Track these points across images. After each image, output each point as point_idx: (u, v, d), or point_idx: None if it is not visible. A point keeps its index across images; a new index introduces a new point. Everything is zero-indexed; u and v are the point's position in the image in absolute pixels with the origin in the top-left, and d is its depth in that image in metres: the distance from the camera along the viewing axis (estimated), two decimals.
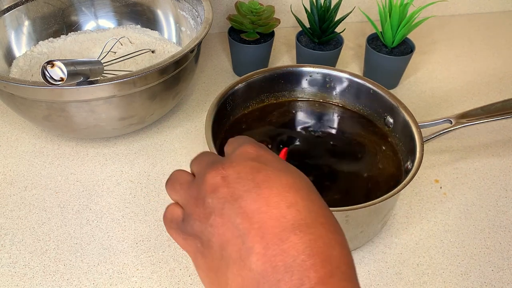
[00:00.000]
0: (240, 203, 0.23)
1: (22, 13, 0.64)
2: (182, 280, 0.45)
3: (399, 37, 0.65)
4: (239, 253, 0.22)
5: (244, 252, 0.22)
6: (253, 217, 0.22)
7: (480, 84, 0.72)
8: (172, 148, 0.59)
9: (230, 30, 0.68)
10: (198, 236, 0.24)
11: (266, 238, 0.21)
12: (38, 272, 0.45)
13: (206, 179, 0.25)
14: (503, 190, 0.55)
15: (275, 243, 0.21)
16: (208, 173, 0.25)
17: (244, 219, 0.22)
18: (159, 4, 0.69)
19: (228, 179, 0.24)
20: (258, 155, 0.25)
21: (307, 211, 0.22)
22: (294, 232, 0.21)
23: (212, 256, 0.24)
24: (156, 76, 0.51)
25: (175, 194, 0.28)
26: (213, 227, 0.23)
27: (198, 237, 0.24)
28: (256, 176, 0.23)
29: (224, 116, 0.53)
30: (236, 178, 0.24)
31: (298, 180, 0.24)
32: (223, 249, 0.23)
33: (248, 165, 0.24)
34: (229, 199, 0.23)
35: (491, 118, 0.52)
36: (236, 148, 0.26)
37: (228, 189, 0.23)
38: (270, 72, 0.56)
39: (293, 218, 0.22)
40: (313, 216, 0.22)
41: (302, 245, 0.21)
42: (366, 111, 0.56)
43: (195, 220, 0.25)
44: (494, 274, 0.47)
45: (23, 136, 0.60)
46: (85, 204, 0.52)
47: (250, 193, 0.23)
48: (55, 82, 0.42)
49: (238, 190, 0.23)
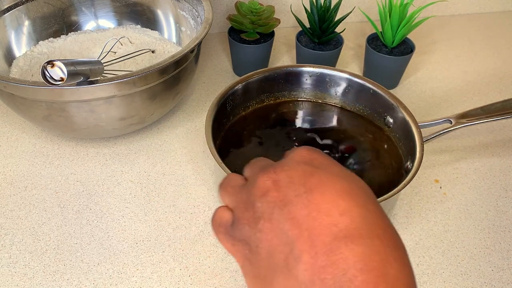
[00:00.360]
0: (290, 208, 0.22)
1: (22, 13, 0.64)
2: (182, 280, 0.45)
3: (399, 37, 0.65)
4: (286, 261, 0.21)
5: (292, 260, 0.21)
6: (302, 224, 0.21)
7: (480, 84, 0.72)
8: (172, 148, 0.59)
9: (230, 30, 0.68)
10: (247, 242, 0.24)
11: (315, 247, 0.20)
12: (38, 272, 0.45)
13: (257, 182, 0.24)
14: (503, 190, 0.55)
15: (325, 253, 0.20)
16: (259, 177, 0.24)
17: (293, 225, 0.21)
18: (159, 4, 0.69)
19: (279, 183, 0.23)
20: (312, 158, 0.24)
21: (362, 221, 0.21)
22: (346, 243, 0.20)
23: (259, 264, 0.23)
24: (156, 76, 0.51)
25: (227, 197, 0.27)
26: (262, 233, 0.22)
27: (246, 243, 0.24)
28: (308, 181, 0.22)
29: (224, 116, 0.53)
30: (288, 182, 0.23)
31: (354, 186, 0.22)
32: (271, 256, 0.22)
33: (301, 169, 0.23)
34: (279, 203, 0.22)
35: (491, 118, 0.52)
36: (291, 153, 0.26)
37: (278, 194, 0.23)
38: (270, 72, 0.56)
39: (345, 227, 0.20)
40: (368, 227, 0.21)
41: (353, 258, 0.19)
42: (366, 111, 0.56)
43: (244, 224, 0.24)
44: (494, 274, 0.47)
45: (23, 136, 0.60)
46: (85, 204, 0.52)
47: (300, 198, 0.22)
48: (55, 82, 0.42)
49: (289, 194, 0.22)
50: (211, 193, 0.53)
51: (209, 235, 0.49)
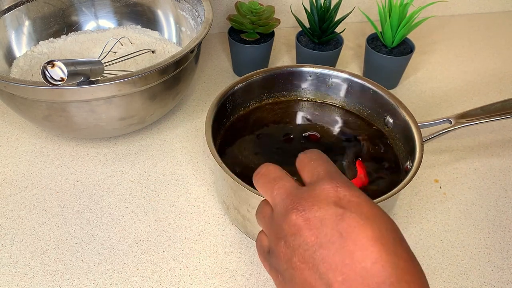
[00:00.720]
0: (323, 252, 0.23)
1: (23, 13, 0.64)
2: (182, 280, 0.45)
3: (399, 37, 0.65)
4: None
5: None
6: (336, 269, 0.22)
7: (480, 84, 0.72)
8: (172, 148, 0.59)
9: (230, 30, 0.68)
10: (281, 273, 0.25)
11: None
12: (38, 272, 0.45)
13: (288, 219, 0.25)
14: (503, 190, 0.55)
15: None
16: (289, 213, 0.25)
17: (328, 270, 0.22)
18: (159, 4, 0.69)
19: (310, 224, 0.24)
20: (340, 197, 0.24)
21: (393, 268, 0.22)
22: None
23: None
24: (156, 76, 0.51)
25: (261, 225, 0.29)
26: (295, 270, 0.24)
27: (281, 273, 0.25)
28: (339, 225, 0.23)
29: (224, 116, 0.53)
30: (319, 224, 0.23)
31: (384, 231, 0.23)
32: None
33: (331, 211, 0.23)
34: (311, 245, 0.23)
35: (491, 118, 0.52)
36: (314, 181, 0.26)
37: (311, 234, 0.23)
38: (270, 72, 0.56)
39: (377, 275, 0.21)
40: (398, 274, 0.22)
41: None
42: (366, 111, 0.56)
43: (277, 257, 0.25)
44: (494, 274, 0.47)
45: (23, 136, 0.60)
46: (85, 204, 0.52)
47: (333, 244, 0.23)
48: (56, 82, 0.42)
49: (321, 238, 0.23)
50: (211, 193, 0.53)
51: (209, 234, 0.49)
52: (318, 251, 0.23)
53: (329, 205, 0.24)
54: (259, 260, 0.47)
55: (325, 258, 0.23)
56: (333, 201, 0.24)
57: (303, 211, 0.24)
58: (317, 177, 0.26)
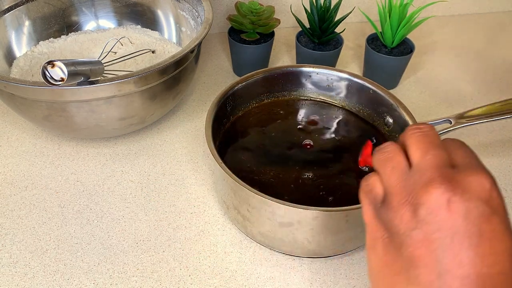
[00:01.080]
0: (455, 242, 0.22)
1: (23, 13, 0.64)
2: (182, 280, 0.45)
3: (399, 37, 0.65)
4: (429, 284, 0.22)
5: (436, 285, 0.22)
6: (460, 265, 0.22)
7: (480, 84, 0.72)
8: (172, 148, 0.59)
9: (230, 30, 0.68)
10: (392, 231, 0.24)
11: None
12: (38, 272, 0.45)
13: (430, 190, 0.23)
14: (503, 190, 0.55)
15: None
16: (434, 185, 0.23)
17: (451, 261, 0.22)
18: (159, 4, 0.69)
19: (452, 208, 0.23)
20: (491, 197, 0.23)
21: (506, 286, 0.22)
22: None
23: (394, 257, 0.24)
24: (157, 76, 0.51)
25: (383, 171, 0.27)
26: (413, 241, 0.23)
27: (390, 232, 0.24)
28: (482, 225, 0.22)
29: (224, 116, 0.53)
30: (463, 215, 0.22)
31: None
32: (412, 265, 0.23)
33: (480, 209, 0.23)
34: (445, 229, 0.22)
35: (491, 118, 0.52)
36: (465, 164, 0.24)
37: (449, 218, 0.22)
38: (270, 72, 0.56)
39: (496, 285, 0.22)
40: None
41: None
42: (366, 111, 0.56)
43: (396, 217, 0.24)
44: None
45: (23, 136, 0.60)
46: (85, 204, 0.52)
47: (470, 240, 0.22)
48: (56, 82, 0.42)
49: (459, 228, 0.22)
50: (211, 193, 0.53)
51: (209, 234, 0.49)
52: (452, 238, 0.22)
53: (481, 201, 0.23)
54: (260, 260, 0.47)
55: (454, 249, 0.22)
56: (485, 198, 0.23)
57: (451, 191, 0.23)
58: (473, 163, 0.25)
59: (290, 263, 0.47)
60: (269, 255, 0.47)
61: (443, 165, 0.24)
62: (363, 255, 0.48)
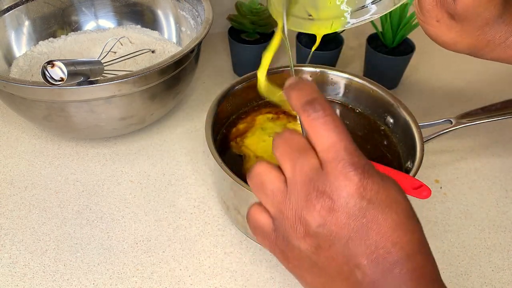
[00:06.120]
0: (349, 244, 0.24)
1: (22, 13, 0.64)
2: (182, 280, 0.45)
3: (399, 37, 0.65)
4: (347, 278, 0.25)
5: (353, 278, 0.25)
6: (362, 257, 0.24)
7: (480, 84, 0.72)
8: (172, 148, 0.59)
9: (230, 30, 0.68)
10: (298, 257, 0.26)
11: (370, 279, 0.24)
12: (38, 272, 0.45)
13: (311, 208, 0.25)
14: (503, 190, 0.55)
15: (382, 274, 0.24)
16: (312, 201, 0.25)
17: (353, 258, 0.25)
18: (159, 4, 0.69)
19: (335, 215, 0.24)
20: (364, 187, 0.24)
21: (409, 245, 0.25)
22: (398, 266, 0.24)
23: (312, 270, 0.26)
24: (156, 76, 0.51)
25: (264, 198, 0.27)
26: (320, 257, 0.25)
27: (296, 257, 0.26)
28: (363, 218, 0.24)
29: (224, 116, 0.53)
30: (345, 217, 0.24)
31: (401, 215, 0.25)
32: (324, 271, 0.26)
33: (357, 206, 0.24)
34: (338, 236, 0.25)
35: (491, 118, 0.52)
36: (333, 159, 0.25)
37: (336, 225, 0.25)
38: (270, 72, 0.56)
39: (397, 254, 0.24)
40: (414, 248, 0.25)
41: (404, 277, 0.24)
42: (366, 111, 0.56)
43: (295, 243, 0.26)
44: (494, 274, 0.47)
45: (23, 136, 0.60)
46: (85, 204, 0.52)
47: (358, 234, 0.24)
48: (55, 82, 0.42)
49: (347, 230, 0.24)
50: (211, 193, 0.53)
51: (209, 235, 0.49)
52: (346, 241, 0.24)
53: (354, 198, 0.24)
54: (260, 260, 0.47)
55: (351, 249, 0.24)
56: (358, 193, 0.24)
57: (328, 201, 0.24)
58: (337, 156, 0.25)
59: None
60: (269, 255, 0.47)
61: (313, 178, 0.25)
62: None
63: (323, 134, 0.25)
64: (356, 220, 0.24)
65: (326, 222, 0.25)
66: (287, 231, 0.26)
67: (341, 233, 0.25)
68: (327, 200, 0.24)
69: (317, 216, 0.25)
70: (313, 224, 0.25)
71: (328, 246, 0.25)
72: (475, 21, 0.36)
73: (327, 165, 0.25)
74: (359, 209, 0.24)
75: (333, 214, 0.24)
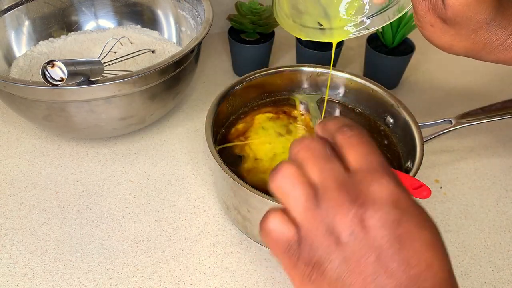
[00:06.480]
0: (381, 256, 0.22)
1: (22, 13, 0.64)
2: (182, 280, 0.45)
3: (399, 37, 0.65)
4: None
5: None
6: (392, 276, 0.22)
7: (480, 84, 0.72)
8: (172, 148, 0.59)
9: (230, 30, 0.68)
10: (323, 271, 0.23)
11: None
12: (38, 272, 0.45)
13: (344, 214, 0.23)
14: (503, 190, 0.55)
15: None
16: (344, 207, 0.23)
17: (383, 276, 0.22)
18: (159, 4, 0.69)
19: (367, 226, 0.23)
20: (398, 199, 0.23)
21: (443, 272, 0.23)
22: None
23: None
24: (156, 76, 0.51)
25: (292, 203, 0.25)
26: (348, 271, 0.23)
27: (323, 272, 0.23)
28: (397, 229, 0.22)
29: (224, 116, 0.53)
30: (379, 227, 0.22)
31: (434, 235, 0.23)
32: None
33: (392, 215, 0.23)
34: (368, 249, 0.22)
35: (491, 118, 0.52)
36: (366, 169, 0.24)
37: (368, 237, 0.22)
38: (270, 72, 0.56)
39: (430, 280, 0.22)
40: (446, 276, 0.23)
41: None
42: (366, 111, 0.56)
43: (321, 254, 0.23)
44: (494, 274, 0.47)
45: (23, 136, 0.60)
46: (85, 204, 0.52)
47: (391, 248, 0.22)
48: (55, 82, 0.42)
49: (379, 241, 0.22)
50: (211, 193, 0.53)
51: (209, 235, 0.49)
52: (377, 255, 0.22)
53: (388, 207, 0.23)
54: (260, 260, 0.47)
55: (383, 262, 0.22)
56: (392, 202, 0.23)
57: (361, 208, 0.23)
58: (370, 166, 0.24)
59: None
60: (269, 255, 0.47)
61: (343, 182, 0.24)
62: None
63: (358, 148, 0.25)
64: (390, 230, 0.22)
65: (359, 231, 0.23)
66: (314, 240, 0.23)
67: (374, 244, 0.22)
68: (360, 208, 0.23)
69: (349, 224, 0.23)
70: (345, 232, 0.23)
71: (358, 257, 0.23)
72: (467, 24, 0.36)
73: (359, 174, 0.24)
74: (394, 219, 0.23)
75: (366, 222, 0.23)
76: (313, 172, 0.24)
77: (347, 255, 0.23)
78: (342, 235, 0.23)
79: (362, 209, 0.23)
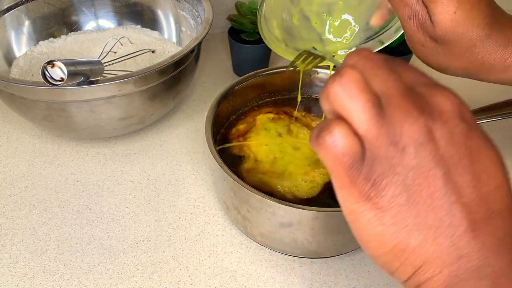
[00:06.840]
0: (450, 170, 0.21)
1: (22, 13, 0.64)
2: (182, 280, 0.45)
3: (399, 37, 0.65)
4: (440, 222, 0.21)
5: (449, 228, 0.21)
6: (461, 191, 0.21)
7: (480, 84, 0.72)
8: (172, 148, 0.59)
9: (230, 30, 0.68)
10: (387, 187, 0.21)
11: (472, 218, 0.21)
12: (38, 272, 0.45)
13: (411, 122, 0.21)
14: None
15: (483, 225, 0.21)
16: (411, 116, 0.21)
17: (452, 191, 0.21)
18: (159, 4, 0.69)
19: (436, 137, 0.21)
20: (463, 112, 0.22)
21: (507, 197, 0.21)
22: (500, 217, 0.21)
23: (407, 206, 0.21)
24: (156, 76, 0.51)
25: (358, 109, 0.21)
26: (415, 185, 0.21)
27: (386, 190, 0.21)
28: (467, 142, 0.21)
29: (224, 116, 0.53)
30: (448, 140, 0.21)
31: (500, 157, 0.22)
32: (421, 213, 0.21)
33: (460, 127, 0.21)
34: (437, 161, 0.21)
35: (491, 118, 0.52)
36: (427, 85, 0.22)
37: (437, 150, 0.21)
38: (270, 72, 0.56)
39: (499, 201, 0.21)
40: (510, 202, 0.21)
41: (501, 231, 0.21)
42: None
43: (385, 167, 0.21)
44: None
45: (23, 136, 0.60)
46: (85, 204, 0.52)
47: (461, 162, 0.21)
48: (55, 82, 0.42)
49: (447, 154, 0.21)
50: (211, 193, 0.53)
51: (209, 235, 0.49)
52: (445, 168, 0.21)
53: (457, 119, 0.21)
54: (260, 260, 0.47)
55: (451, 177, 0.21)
56: (459, 114, 0.21)
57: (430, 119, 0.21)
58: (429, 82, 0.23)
59: (290, 263, 0.47)
60: (269, 255, 0.47)
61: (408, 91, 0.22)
62: (363, 255, 0.48)
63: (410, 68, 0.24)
64: (460, 143, 0.21)
65: (427, 142, 0.21)
66: (379, 153, 0.21)
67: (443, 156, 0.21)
68: (429, 118, 0.21)
69: (418, 134, 0.21)
70: (413, 143, 0.21)
71: (426, 170, 0.21)
72: (459, 42, 0.34)
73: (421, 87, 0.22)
74: (463, 131, 0.21)
75: (435, 133, 0.21)
76: (375, 82, 0.22)
77: (414, 167, 0.21)
78: (410, 146, 0.21)
79: (431, 120, 0.21)
